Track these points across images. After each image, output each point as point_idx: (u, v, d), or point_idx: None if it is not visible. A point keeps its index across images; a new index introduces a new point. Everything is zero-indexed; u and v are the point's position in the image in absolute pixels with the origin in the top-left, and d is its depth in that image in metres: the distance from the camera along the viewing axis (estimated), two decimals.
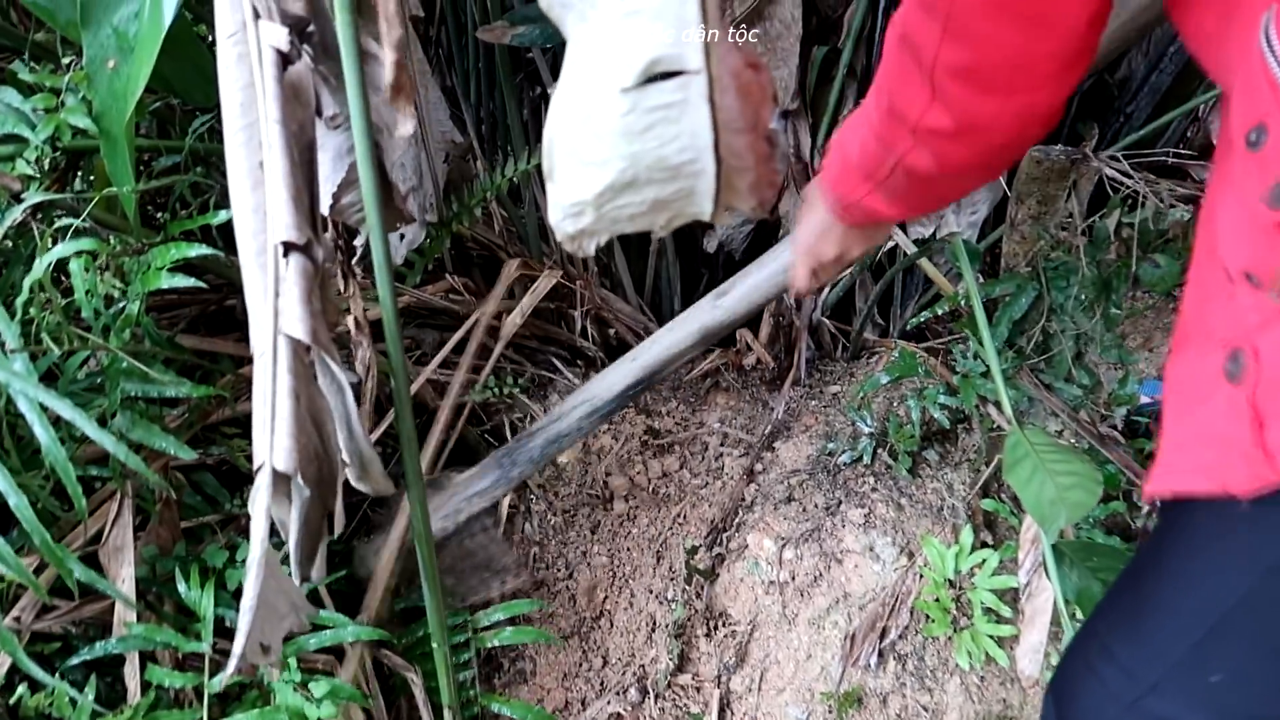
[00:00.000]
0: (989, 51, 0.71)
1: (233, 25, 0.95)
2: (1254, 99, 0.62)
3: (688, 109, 0.78)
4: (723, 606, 1.65)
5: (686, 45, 0.74)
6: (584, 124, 0.82)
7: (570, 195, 0.85)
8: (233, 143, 0.94)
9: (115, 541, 1.18)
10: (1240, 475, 0.59)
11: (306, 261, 0.93)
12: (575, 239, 0.90)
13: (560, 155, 0.84)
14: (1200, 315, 0.68)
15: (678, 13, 0.73)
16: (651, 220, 0.89)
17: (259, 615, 0.90)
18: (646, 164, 0.81)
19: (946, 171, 0.86)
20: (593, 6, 0.77)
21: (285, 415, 0.91)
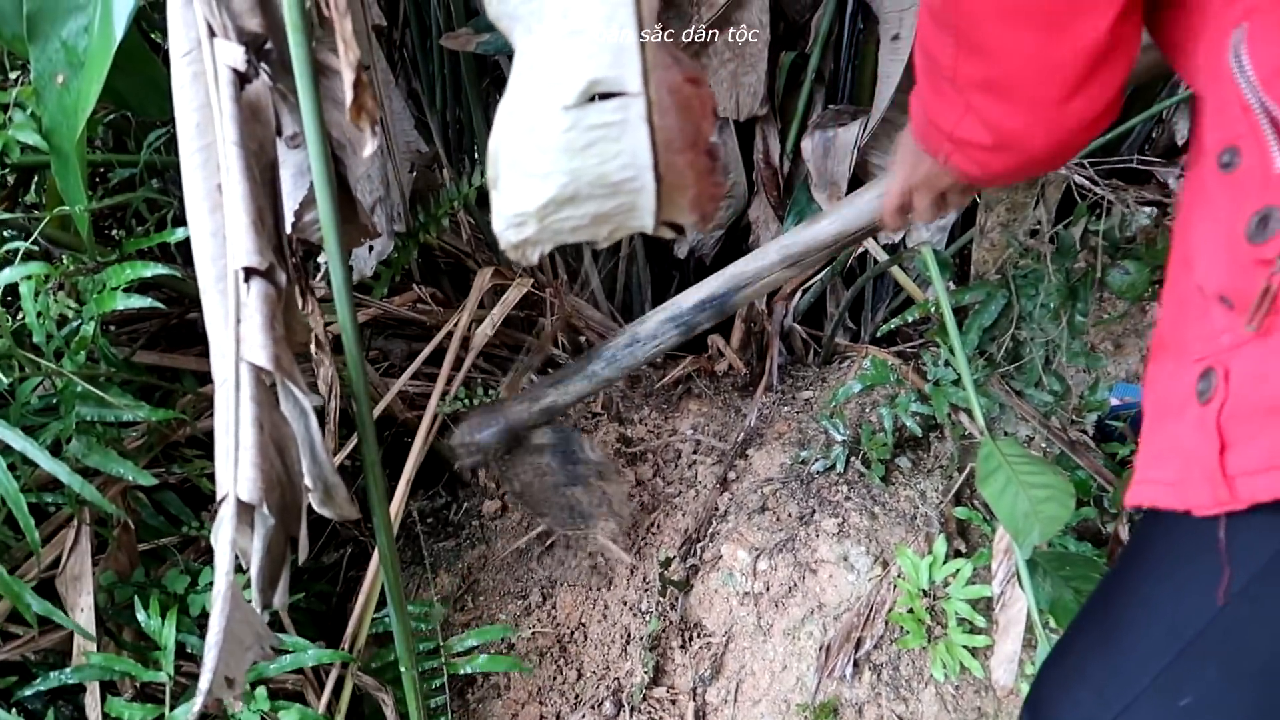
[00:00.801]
0: (1006, 61, 0.68)
1: (187, 43, 0.93)
2: (1225, 118, 0.62)
3: (628, 129, 0.78)
4: (697, 618, 1.64)
5: (625, 68, 0.74)
6: (528, 137, 0.82)
7: (514, 206, 0.85)
8: (189, 164, 0.92)
9: (73, 570, 1.14)
10: (1202, 495, 0.59)
11: (269, 286, 0.91)
12: (518, 248, 0.90)
13: (505, 166, 0.84)
14: (1176, 325, 0.68)
15: (617, 36, 0.73)
16: (593, 232, 0.89)
17: (225, 649, 0.88)
18: (588, 180, 0.82)
19: (995, 177, 0.82)
20: (539, 21, 0.77)
21: (249, 444, 0.88)
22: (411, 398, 1.83)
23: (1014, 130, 0.72)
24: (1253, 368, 0.57)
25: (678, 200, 0.87)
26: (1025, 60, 0.67)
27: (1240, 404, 0.57)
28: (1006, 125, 0.72)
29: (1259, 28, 0.58)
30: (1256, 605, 0.59)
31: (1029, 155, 0.75)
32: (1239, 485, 0.56)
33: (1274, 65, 0.57)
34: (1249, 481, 0.56)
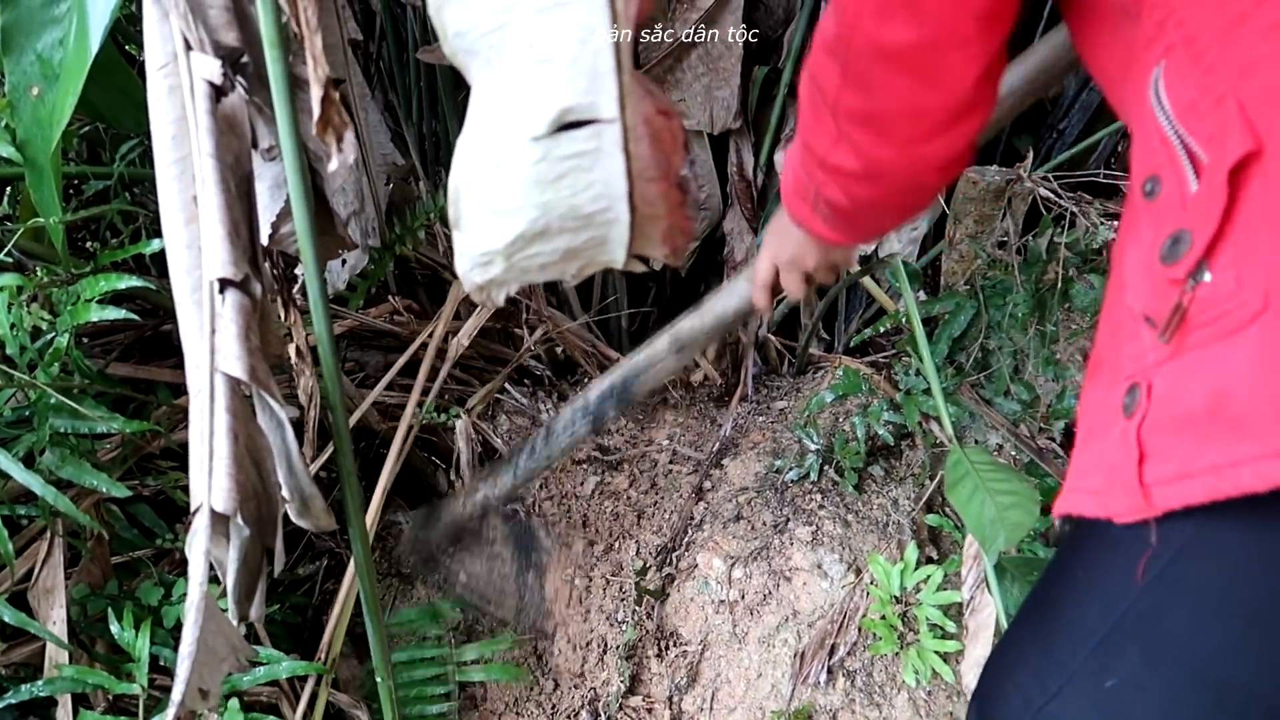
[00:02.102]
0: (883, 100, 0.74)
1: (163, 57, 0.93)
2: (1149, 149, 0.66)
3: (601, 157, 0.77)
4: (673, 626, 1.65)
5: (600, 94, 0.74)
6: (493, 172, 0.80)
7: (479, 245, 0.84)
8: (165, 176, 0.92)
9: (45, 583, 1.14)
10: (1121, 504, 0.62)
11: (244, 298, 0.92)
12: (484, 289, 0.89)
13: (468, 204, 0.82)
14: (1111, 345, 0.71)
15: (592, 62, 0.72)
16: (562, 269, 0.88)
17: (199, 660, 0.88)
18: (559, 213, 0.80)
19: (859, 208, 0.88)
20: (499, 54, 0.75)
21: (223, 455, 0.89)
22: (388, 409, 1.83)
23: (881, 161, 0.79)
24: (1169, 383, 0.61)
25: (649, 232, 0.87)
26: (900, 103, 0.74)
27: (1158, 417, 0.61)
28: (875, 155, 0.79)
29: (1175, 65, 0.62)
30: (1170, 589, 0.63)
31: (890, 186, 0.82)
32: (1154, 494, 0.59)
33: (1188, 100, 0.61)
34: (1162, 490, 0.59)
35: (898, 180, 0.81)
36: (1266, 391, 0.54)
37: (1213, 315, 0.59)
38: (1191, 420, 0.58)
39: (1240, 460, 0.54)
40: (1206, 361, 0.58)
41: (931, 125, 0.75)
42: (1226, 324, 0.57)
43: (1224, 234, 0.59)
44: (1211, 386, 0.57)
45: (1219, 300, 0.58)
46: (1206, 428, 0.57)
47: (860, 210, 0.91)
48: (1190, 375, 0.59)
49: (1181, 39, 0.62)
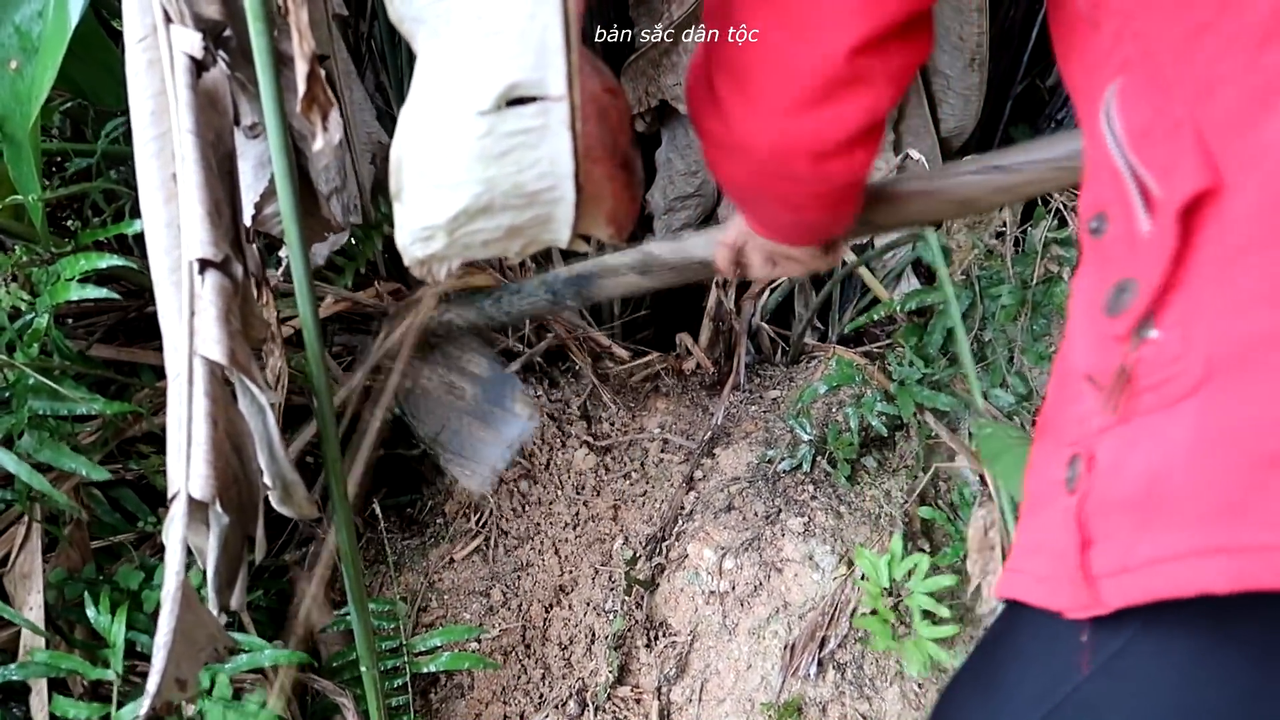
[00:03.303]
0: (749, 46, 0.64)
1: (142, 29, 0.90)
2: (1097, 181, 0.59)
3: (547, 135, 0.74)
4: (663, 617, 1.64)
5: (548, 70, 0.70)
6: (436, 145, 0.77)
7: (420, 219, 0.80)
8: (143, 154, 0.90)
9: (22, 568, 1.12)
10: (1066, 595, 0.55)
11: (224, 279, 0.89)
12: (424, 263, 0.85)
13: (410, 176, 0.79)
14: (1057, 405, 0.63)
15: (540, 37, 0.69)
16: (505, 246, 0.85)
17: (175, 650, 0.86)
18: (503, 189, 0.77)
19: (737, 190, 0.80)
20: (447, 24, 0.72)
21: (202, 440, 0.86)
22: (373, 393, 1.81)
23: (743, 128, 0.69)
24: (1112, 455, 0.53)
25: (594, 212, 0.83)
26: (765, 53, 0.63)
27: (1100, 495, 0.53)
28: (737, 118, 0.69)
29: (1130, 82, 0.55)
30: (1114, 684, 0.55)
31: (754, 163, 0.71)
32: (1102, 588, 0.52)
33: (1142, 124, 0.54)
34: (1109, 584, 0.51)
35: (763, 156, 0.70)
36: (1200, 476, 0.47)
37: (1157, 380, 0.51)
38: (1131, 502, 0.51)
39: (1172, 555, 0.47)
40: (1148, 433, 0.51)
41: (798, 93, 0.63)
42: (1169, 391, 0.50)
43: (1173, 284, 0.51)
44: (1150, 463, 0.50)
45: (1164, 363, 0.51)
46: (1144, 512, 0.50)
47: (741, 195, 0.83)
48: (1132, 448, 0.52)
49: (1138, 52, 0.54)
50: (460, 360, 1.60)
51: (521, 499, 1.88)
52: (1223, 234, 0.49)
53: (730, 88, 0.68)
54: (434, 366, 1.63)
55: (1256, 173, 0.48)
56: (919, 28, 0.61)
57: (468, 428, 1.63)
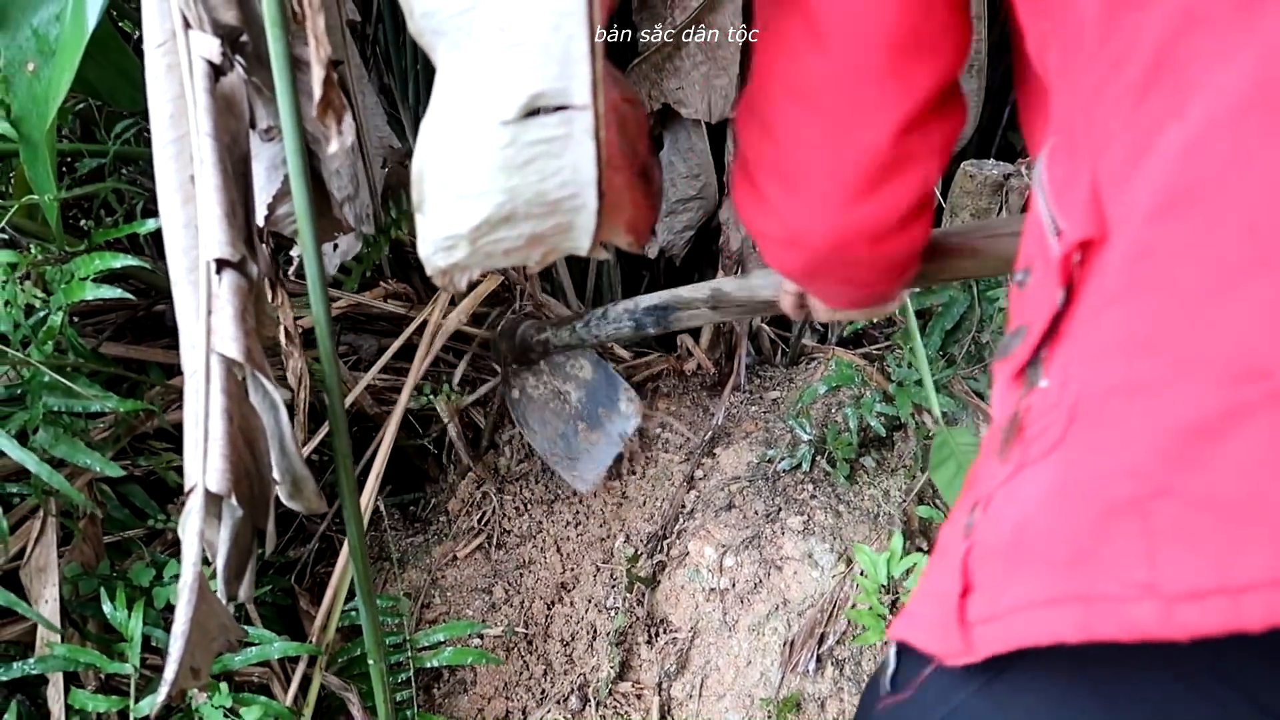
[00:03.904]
0: (794, 148, 0.65)
1: (161, 35, 0.93)
2: (1029, 235, 0.60)
3: (570, 143, 0.75)
4: (664, 614, 1.66)
5: (573, 79, 0.71)
6: (458, 156, 0.78)
7: (443, 229, 0.82)
8: (162, 156, 0.92)
9: (38, 562, 1.14)
10: (945, 642, 0.54)
11: (240, 278, 0.91)
12: (446, 273, 0.86)
13: (432, 187, 0.80)
14: (983, 453, 0.63)
15: (565, 47, 0.70)
16: (526, 255, 0.86)
17: (191, 639, 0.88)
18: (525, 198, 0.78)
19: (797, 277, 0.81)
20: (469, 36, 0.73)
21: (219, 435, 0.88)
22: (380, 392, 1.83)
23: (798, 225, 0.70)
24: (998, 505, 0.53)
25: (615, 220, 0.85)
26: (812, 152, 0.65)
27: (982, 544, 0.54)
28: (792, 217, 0.70)
29: (1058, 140, 0.57)
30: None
31: (814, 255, 0.72)
32: (974, 635, 0.51)
33: (1062, 177, 0.55)
34: (980, 631, 0.51)
35: (821, 249, 0.71)
36: (1055, 525, 0.47)
37: (1039, 429, 0.52)
38: (1003, 550, 0.51)
39: (1029, 604, 0.47)
40: (1025, 482, 0.51)
41: (849, 185, 0.64)
42: (1045, 441, 0.51)
43: (1059, 333, 0.53)
44: (1020, 512, 0.50)
45: (1044, 411, 0.52)
46: (1011, 561, 0.50)
47: (801, 280, 0.84)
48: (1011, 497, 0.52)
49: (1062, 110, 0.56)
50: (566, 366, 1.69)
51: (524, 498, 1.90)
52: (1100, 285, 0.50)
53: (780, 190, 0.69)
54: (540, 375, 1.72)
55: (1127, 225, 0.49)
56: (952, 99, 0.63)
57: (577, 432, 1.77)
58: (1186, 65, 0.46)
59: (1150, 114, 0.48)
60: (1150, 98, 0.48)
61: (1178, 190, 0.46)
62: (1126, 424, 0.46)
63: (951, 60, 0.61)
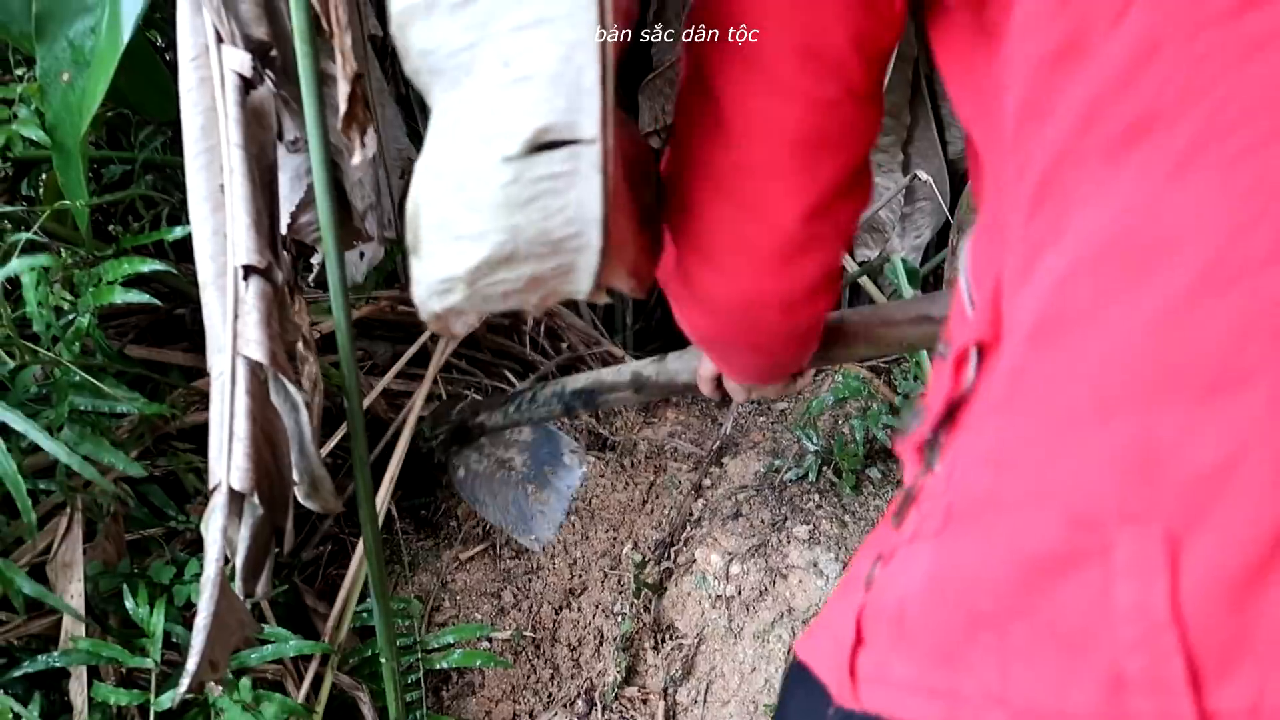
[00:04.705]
0: (707, 225, 0.68)
1: (194, 49, 0.96)
2: (955, 310, 0.62)
3: (577, 179, 0.73)
4: (670, 620, 1.68)
5: (582, 113, 0.70)
6: (456, 195, 0.75)
7: (439, 270, 0.79)
8: (193, 165, 0.95)
9: (64, 557, 1.17)
10: (836, 681, 0.55)
11: (266, 284, 0.95)
12: (441, 318, 0.84)
13: (428, 228, 0.77)
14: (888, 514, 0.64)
15: (575, 79, 0.70)
16: (525, 298, 0.84)
17: (211, 633, 0.91)
18: (528, 237, 0.76)
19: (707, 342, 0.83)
20: (468, 74, 0.71)
21: (243, 435, 0.92)
22: (394, 397, 1.86)
23: (712, 291, 0.72)
24: (892, 569, 0.55)
25: (617, 262, 0.84)
26: (723, 231, 0.67)
27: (874, 603, 0.54)
28: (705, 284, 0.72)
29: (986, 224, 0.59)
30: None
31: (726, 320, 0.75)
32: (861, 688, 0.53)
33: (982, 265, 0.57)
34: (868, 687, 0.53)
35: (733, 315, 0.73)
36: (930, 616, 0.49)
37: (926, 510, 0.53)
38: (890, 618, 0.52)
39: (907, 685, 0.49)
40: (912, 558, 0.53)
41: (759, 261, 0.67)
42: (929, 525, 0.52)
43: (955, 422, 0.54)
44: (903, 589, 0.52)
45: (932, 496, 0.53)
46: (895, 633, 0.51)
47: (711, 346, 0.86)
48: (902, 567, 0.54)
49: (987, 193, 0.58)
50: (505, 433, 1.76)
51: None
52: (989, 388, 0.52)
53: (697, 260, 0.72)
54: (481, 449, 1.79)
55: (1011, 338, 0.50)
56: (858, 181, 0.65)
57: (527, 495, 1.82)
58: (1066, 195, 0.47)
59: (1037, 232, 0.49)
60: (1038, 216, 0.49)
61: (1048, 320, 0.47)
62: (990, 540, 0.47)
63: (857, 151, 0.62)
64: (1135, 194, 0.43)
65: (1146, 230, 0.42)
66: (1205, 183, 0.41)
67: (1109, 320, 0.44)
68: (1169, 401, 0.40)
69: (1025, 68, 0.48)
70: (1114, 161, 0.44)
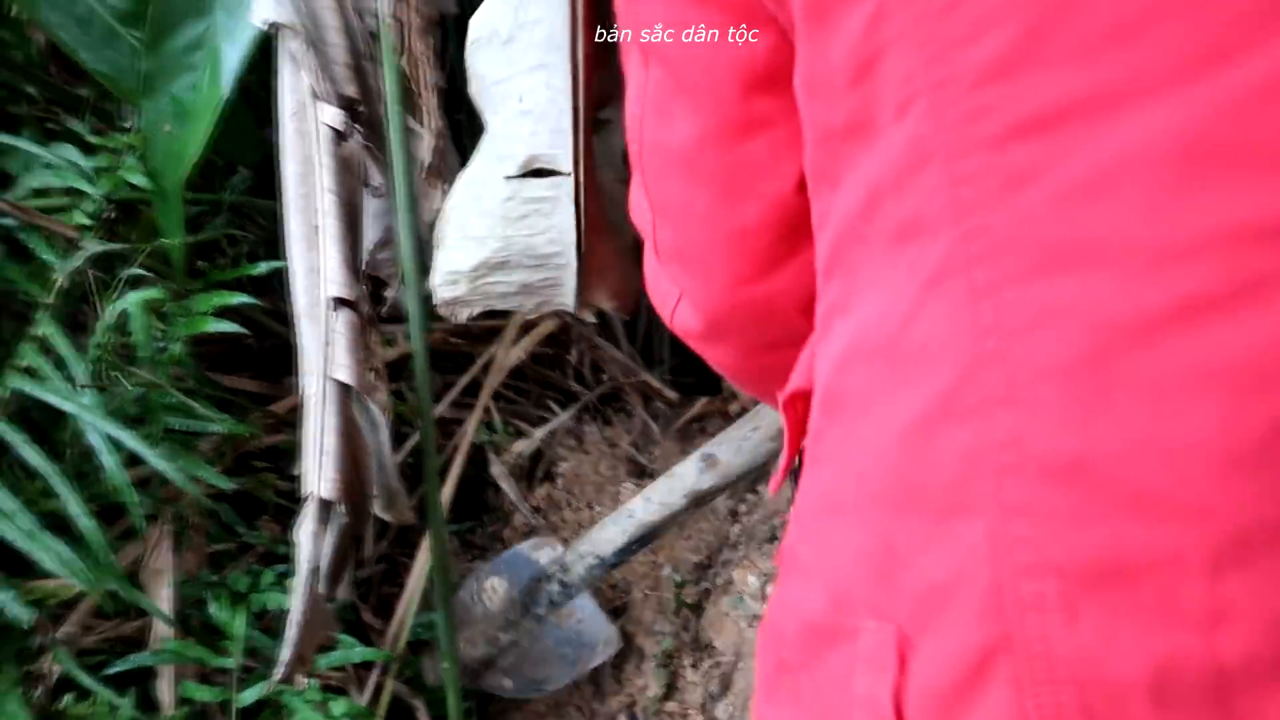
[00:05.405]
0: (689, 225, 0.61)
1: (293, 105, 1.08)
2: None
3: (559, 206, 0.89)
4: (708, 639, 1.75)
5: (560, 149, 0.85)
6: (473, 203, 0.93)
7: (450, 264, 0.97)
8: (292, 208, 1.07)
9: (156, 565, 1.27)
10: None
11: (354, 315, 1.05)
12: (449, 305, 1.00)
13: (450, 227, 0.95)
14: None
15: (557, 119, 0.84)
16: (520, 302, 0.99)
17: (303, 630, 1.01)
18: (519, 249, 0.92)
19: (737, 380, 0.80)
20: (501, 101, 0.90)
21: (332, 450, 1.02)
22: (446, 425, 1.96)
23: (718, 309, 0.64)
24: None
25: (599, 284, 0.98)
26: (707, 226, 0.60)
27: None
28: (708, 303, 0.64)
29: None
30: None
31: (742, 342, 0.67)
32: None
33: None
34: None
35: (749, 333, 0.65)
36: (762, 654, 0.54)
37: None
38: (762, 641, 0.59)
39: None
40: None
41: (759, 253, 0.60)
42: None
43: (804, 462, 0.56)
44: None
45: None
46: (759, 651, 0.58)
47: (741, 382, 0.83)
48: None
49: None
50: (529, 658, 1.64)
51: (574, 529, 2.01)
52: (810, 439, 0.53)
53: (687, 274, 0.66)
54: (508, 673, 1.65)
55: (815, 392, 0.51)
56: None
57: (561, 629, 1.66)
58: (854, 270, 0.48)
59: (831, 294, 0.49)
60: (831, 280, 0.49)
61: (833, 394, 0.49)
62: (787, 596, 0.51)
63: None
64: (902, 292, 0.44)
65: (906, 338, 0.44)
66: (954, 305, 0.41)
67: (873, 418, 0.46)
68: (909, 515, 0.43)
69: (815, 132, 0.48)
70: (890, 253, 0.45)
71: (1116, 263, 0.37)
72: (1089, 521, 0.38)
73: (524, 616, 1.53)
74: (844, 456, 0.48)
